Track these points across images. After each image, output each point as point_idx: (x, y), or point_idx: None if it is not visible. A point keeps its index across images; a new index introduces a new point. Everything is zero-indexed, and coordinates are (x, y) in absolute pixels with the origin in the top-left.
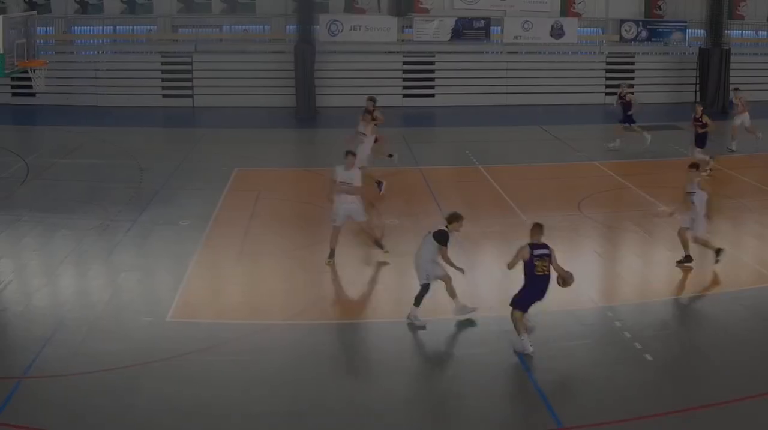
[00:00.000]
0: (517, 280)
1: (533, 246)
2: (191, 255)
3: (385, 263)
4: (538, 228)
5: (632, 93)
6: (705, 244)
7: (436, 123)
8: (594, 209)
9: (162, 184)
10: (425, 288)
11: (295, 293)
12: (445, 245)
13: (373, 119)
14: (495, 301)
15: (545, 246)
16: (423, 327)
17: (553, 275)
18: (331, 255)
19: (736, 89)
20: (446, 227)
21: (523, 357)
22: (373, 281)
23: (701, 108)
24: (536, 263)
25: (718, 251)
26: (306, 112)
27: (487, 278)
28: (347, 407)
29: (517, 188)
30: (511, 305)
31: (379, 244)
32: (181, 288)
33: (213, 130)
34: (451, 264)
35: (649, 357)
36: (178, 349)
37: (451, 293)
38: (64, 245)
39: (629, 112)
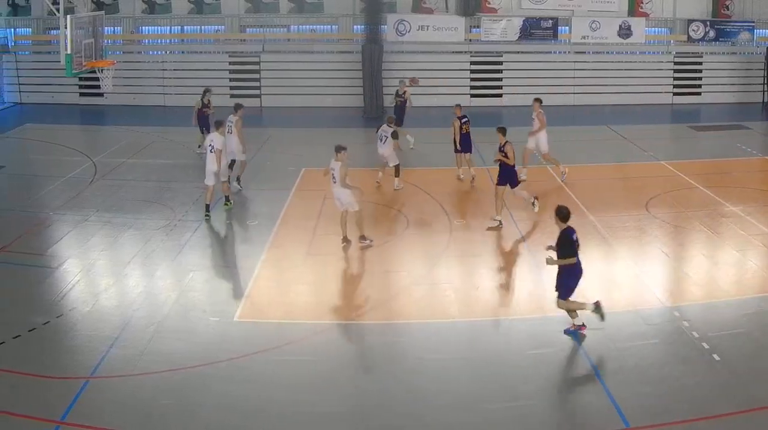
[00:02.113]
0: (589, 278)
1: (460, 117)
2: (259, 255)
3: (452, 263)
4: (458, 107)
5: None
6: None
7: (504, 123)
8: (661, 209)
9: (230, 184)
10: None
11: (362, 293)
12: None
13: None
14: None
15: (465, 116)
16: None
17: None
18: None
19: (537, 100)
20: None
21: (593, 360)
22: (439, 281)
23: (503, 133)
24: (463, 126)
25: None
26: (373, 112)
27: (554, 278)
28: (412, 407)
29: (585, 188)
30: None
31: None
32: (249, 288)
33: (281, 129)
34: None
35: (716, 357)
36: (245, 349)
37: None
38: (132, 244)
39: (401, 112)
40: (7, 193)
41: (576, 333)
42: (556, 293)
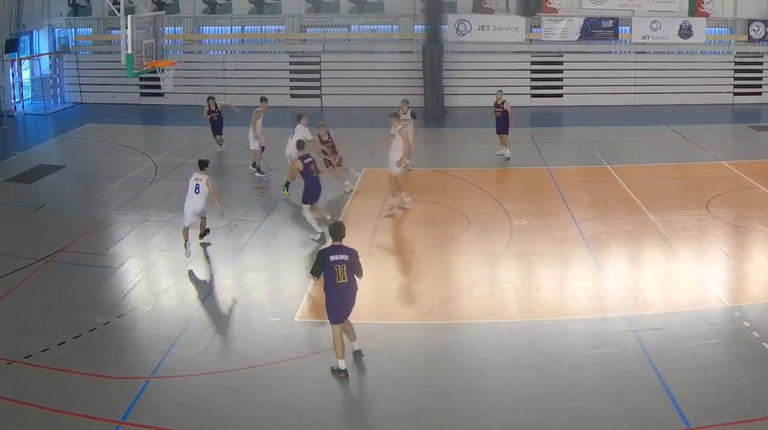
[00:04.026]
0: (649, 278)
1: (303, 157)
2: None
3: (513, 263)
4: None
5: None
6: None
7: (564, 123)
8: (722, 209)
9: (290, 184)
10: None
11: (423, 293)
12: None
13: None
14: (623, 301)
15: (309, 156)
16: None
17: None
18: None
19: (394, 115)
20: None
21: (653, 360)
22: (499, 281)
23: (329, 152)
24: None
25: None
26: (434, 112)
27: (616, 278)
28: (473, 407)
29: (645, 188)
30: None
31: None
32: (309, 288)
33: (341, 129)
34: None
35: None
36: (306, 349)
37: None
38: (192, 244)
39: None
40: (67, 193)
41: (335, 375)
42: None
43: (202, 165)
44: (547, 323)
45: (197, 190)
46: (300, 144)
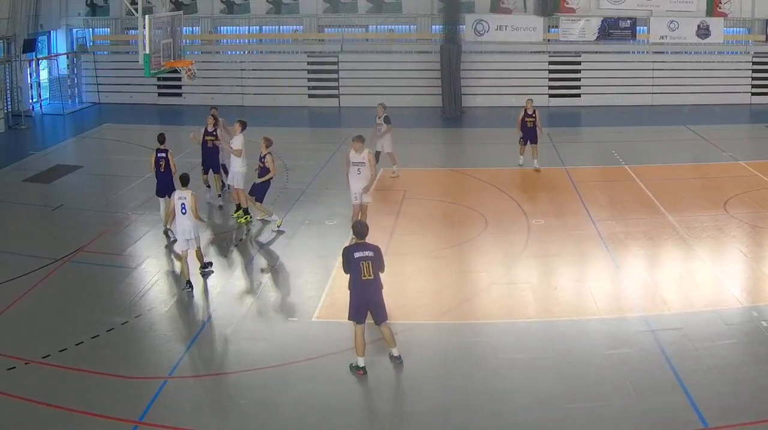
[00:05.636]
0: (667, 278)
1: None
2: (337, 255)
3: (531, 263)
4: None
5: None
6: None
7: (582, 123)
8: (740, 209)
9: (308, 184)
10: None
11: (441, 293)
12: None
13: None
14: (641, 301)
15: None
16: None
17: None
18: None
19: (359, 138)
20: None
21: (671, 360)
22: (517, 281)
23: (266, 144)
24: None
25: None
26: (452, 112)
27: (634, 278)
28: (491, 407)
29: (663, 188)
30: None
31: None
32: (327, 288)
33: (359, 130)
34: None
35: None
36: (324, 349)
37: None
38: (210, 245)
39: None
40: (85, 193)
41: (353, 372)
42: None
43: (184, 181)
44: (565, 323)
45: (183, 210)
46: (160, 137)
